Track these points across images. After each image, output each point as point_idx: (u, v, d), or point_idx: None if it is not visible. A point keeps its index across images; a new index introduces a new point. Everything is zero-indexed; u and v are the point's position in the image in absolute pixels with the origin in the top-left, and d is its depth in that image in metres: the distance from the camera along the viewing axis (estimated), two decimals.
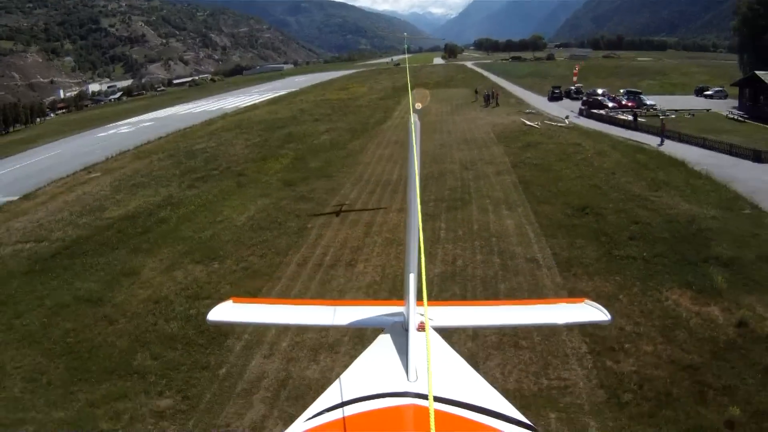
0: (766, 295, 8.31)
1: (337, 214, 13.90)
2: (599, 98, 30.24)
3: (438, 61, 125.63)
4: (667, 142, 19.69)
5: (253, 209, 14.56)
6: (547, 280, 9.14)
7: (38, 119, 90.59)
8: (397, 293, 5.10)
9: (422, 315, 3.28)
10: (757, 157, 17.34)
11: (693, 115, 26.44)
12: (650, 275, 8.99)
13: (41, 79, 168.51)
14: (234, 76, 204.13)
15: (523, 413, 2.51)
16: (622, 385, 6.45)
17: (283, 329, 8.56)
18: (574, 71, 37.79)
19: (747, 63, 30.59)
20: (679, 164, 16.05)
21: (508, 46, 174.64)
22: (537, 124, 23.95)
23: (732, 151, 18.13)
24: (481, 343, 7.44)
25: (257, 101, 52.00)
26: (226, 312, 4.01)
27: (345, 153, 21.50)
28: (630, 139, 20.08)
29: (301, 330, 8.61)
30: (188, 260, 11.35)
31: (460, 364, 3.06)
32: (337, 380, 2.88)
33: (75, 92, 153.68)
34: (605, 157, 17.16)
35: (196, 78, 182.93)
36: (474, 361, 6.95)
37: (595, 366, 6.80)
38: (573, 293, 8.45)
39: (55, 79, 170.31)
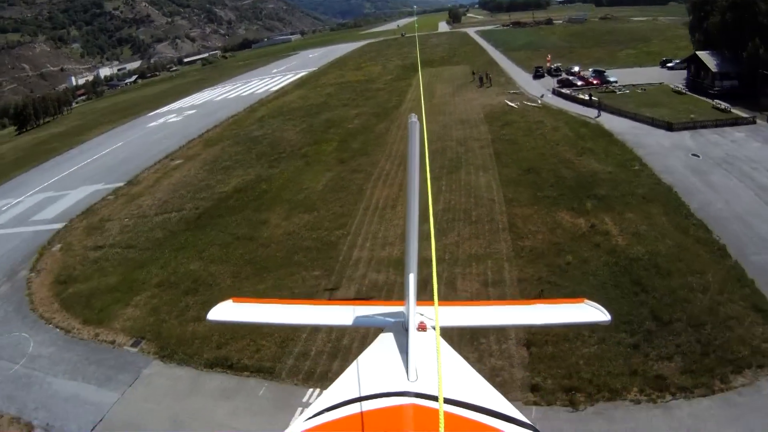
0: (613, 213, 15.52)
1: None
2: (570, 78, 35.70)
3: (443, 27, 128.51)
4: (607, 116, 26.13)
5: (324, 180, 21.96)
6: (497, 208, 16.67)
7: (65, 110, 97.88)
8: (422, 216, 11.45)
9: (422, 315, 3.99)
10: (669, 127, 23.95)
11: (645, 90, 32.02)
12: (553, 205, 16.40)
13: (51, 68, 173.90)
14: (243, 50, 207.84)
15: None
16: (522, 250, 14.03)
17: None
18: (547, 59, 41.54)
19: (696, 41, 36.13)
20: (606, 135, 23.05)
21: (512, 5, 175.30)
22: (516, 105, 30.55)
23: (653, 122, 24.71)
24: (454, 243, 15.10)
25: (284, 84, 58.01)
26: (226, 311, 4.73)
27: (374, 135, 28.68)
28: (582, 115, 26.80)
29: (380, 238, 15.91)
30: (297, 212, 18.92)
31: (460, 364, 3.55)
32: (338, 380, 3.43)
33: (87, 78, 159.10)
34: (557, 132, 24.20)
35: (206, 55, 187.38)
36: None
37: (512, 244, 14.39)
38: (511, 217, 15.98)
39: (65, 66, 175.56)
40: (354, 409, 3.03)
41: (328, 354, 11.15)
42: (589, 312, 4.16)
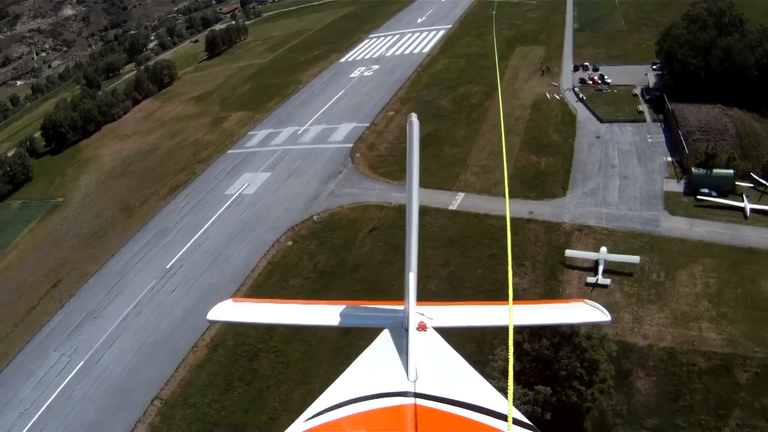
0: (542, 154, 53.87)
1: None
2: (582, 77, 66.21)
3: None
4: (582, 109, 62.19)
5: (462, 133, 61.37)
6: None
7: (242, 37, 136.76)
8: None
9: (422, 315, 4.18)
10: (600, 120, 58.90)
11: (617, 91, 63.02)
12: (531, 152, 54.87)
13: None
14: None
15: None
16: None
17: None
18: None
19: (662, 50, 65.00)
20: (573, 120, 59.70)
21: None
22: (548, 95, 66.15)
23: (595, 115, 59.54)
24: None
25: (431, 47, 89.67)
26: (225, 311, 4.87)
27: (483, 108, 66.75)
28: (573, 106, 62.76)
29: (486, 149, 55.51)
30: (451, 144, 59.11)
31: (460, 363, 3.67)
32: (338, 380, 3.56)
33: None
34: (554, 116, 60.88)
35: None
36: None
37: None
38: (519, 149, 54.75)
39: None
40: (354, 409, 3.29)
41: None
42: (589, 312, 4.56)
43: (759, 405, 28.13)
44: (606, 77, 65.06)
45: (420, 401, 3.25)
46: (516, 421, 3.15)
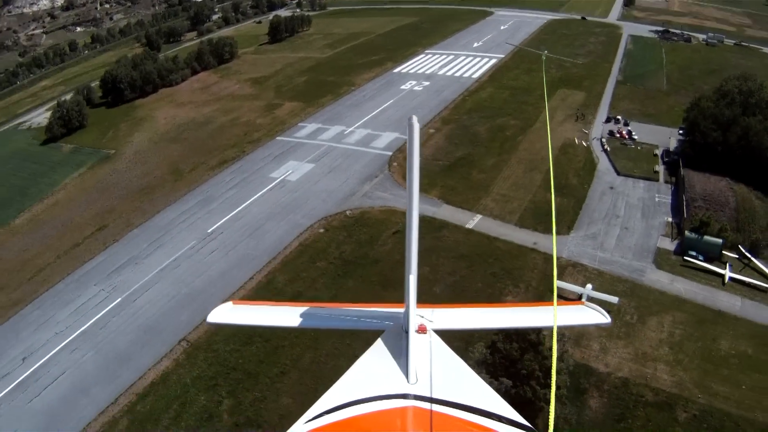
0: (567, 198, 60.43)
1: None
2: (612, 130, 70.13)
3: (616, 10, 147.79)
4: (604, 158, 68.05)
5: (492, 160, 68.34)
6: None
7: (305, 27, 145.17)
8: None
9: (422, 317, 4.23)
10: (617, 173, 64.31)
11: (641, 148, 66.89)
12: (548, 191, 61.31)
13: None
14: None
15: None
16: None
17: None
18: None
19: (687, 118, 71.04)
20: (593, 168, 65.80)
21: None
22: (576, 141, 72.36)
23: (615, 168, 65.36)
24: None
25: (481, 73, 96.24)
26: (225, 313, 4.90)
27: (516, 142, 73.54)
28: (597, 157, 69.11)
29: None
30: (485, 163, 66.14)
31: (460, 366, 3.73)
32: (338, 382, 3.53)
33: None
34: (577, 161, 66.87)
35: None
36: None
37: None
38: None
39: None
40: (354, 411, 3.34)
41: None
42: (589, 314, 4.68)
43: None
44: (633, 133, 69.94)
45: (420, 404, 3.37)
46: (516, 424, 3.41)
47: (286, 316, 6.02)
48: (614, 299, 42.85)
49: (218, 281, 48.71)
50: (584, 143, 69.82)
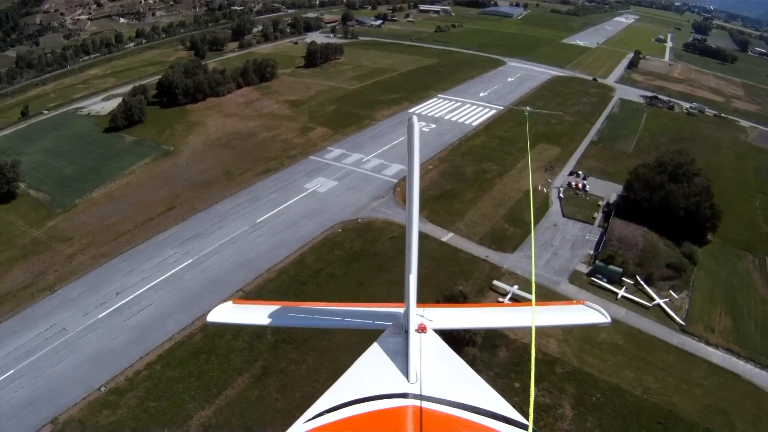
0: (519, 228, 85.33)
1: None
2: (570, 181, 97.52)
3: (619, 70, 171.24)
4: (556, 203, 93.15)
5: (472, 193, 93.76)
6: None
7: (337, 56, 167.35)
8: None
9: (422, 316, 4.26)
10: (563, 214, 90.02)
11: (588, 198, 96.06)
12: (506, 222, 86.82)
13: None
14: (470, 8, 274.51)
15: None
16: None
17: None
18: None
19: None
20: (545, 209, 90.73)
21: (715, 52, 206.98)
22: (539, 187, 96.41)
23: (563, 211, 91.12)
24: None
25: (480, 122, 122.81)
26: (225, 313, 4.93)
27: (492, 184, 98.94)
28: (551, 201, 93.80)
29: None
30: (466, 196, 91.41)
31: (460, 365, 3.75)
32: (338, 381, 3.56)
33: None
34: (535, 203, 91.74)
35: (440, 10, 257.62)
36: None
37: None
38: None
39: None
40: (354, 410, 3.40)
41: None
42: (589, 314, 4.92)
43: None
44: (588, 186, 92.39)
45: (420, 403, 3.50)
46: (515, 423, 3.54)
47: (287, 315, 6.55)
48: (530, 297, 67.17)
49: (264, 255, 71.90)
50: (545, 190, 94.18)
